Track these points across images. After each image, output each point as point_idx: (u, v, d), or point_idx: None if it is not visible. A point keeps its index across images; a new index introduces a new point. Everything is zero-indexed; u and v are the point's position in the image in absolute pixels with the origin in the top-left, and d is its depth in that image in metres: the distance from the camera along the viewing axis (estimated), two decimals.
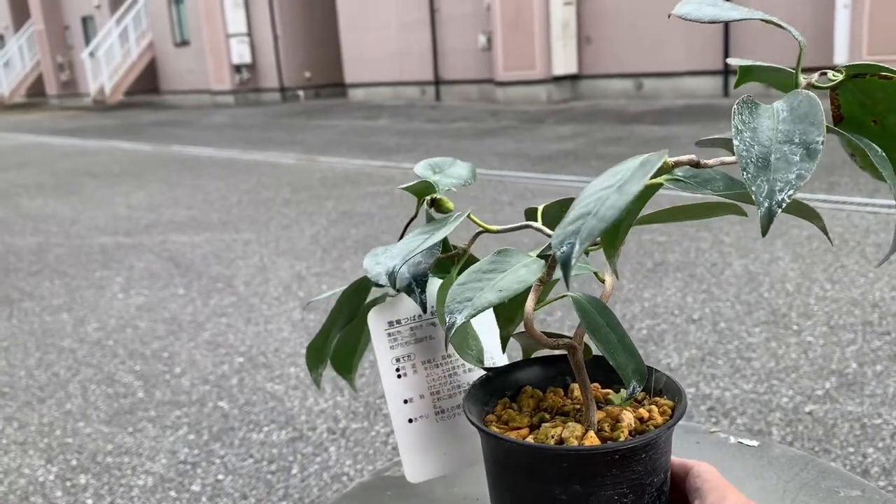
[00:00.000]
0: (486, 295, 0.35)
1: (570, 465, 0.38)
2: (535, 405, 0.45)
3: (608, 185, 0.31)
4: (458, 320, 0.34)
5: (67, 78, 19.73)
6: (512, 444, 0.39)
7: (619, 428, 0.40)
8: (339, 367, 0.54)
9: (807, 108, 0.33)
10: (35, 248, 4.19)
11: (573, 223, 0.30)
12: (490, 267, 0.37)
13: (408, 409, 0.47)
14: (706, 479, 0.41)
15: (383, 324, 0.48)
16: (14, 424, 2.13)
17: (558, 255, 0.29)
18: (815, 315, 2.44)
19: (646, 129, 7.02)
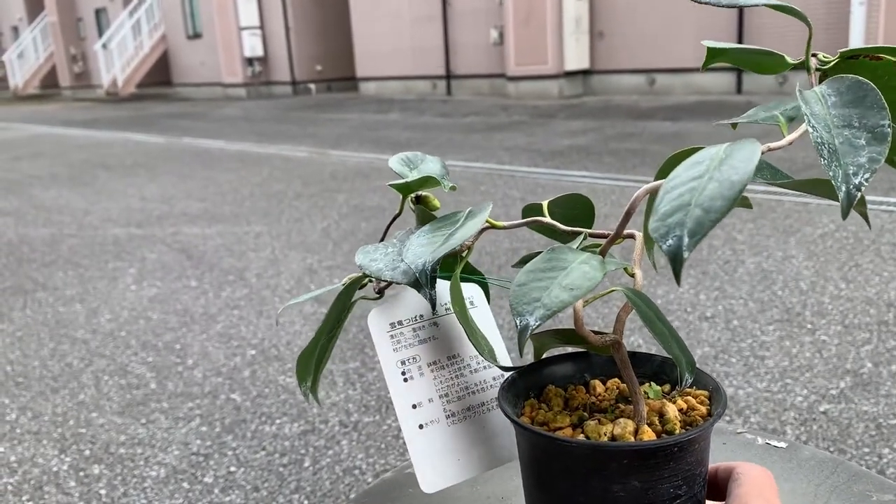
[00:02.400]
0: (558, 294, 0.34)
1: (630, 460, 0.37)
2: (564, 404, 0.45)
3: (697, 176, 0.30)
4: (531, 321, 0.33)
5: (80, 69, 19.80)
6: (571, 445, 0.39)
7: (670, 421, 0.40)
8: (300, 378, 0.50)
9: (858, 91, 0.33)
10: (48, 238, 4.21)
11: (672, 215, 0.29)
12: (548, 265, 0.36)
13: (417, 415, 0.45)
14: (741, 483, 0.40)
15: (385, 325, 0.46)
16: (28, 414, 2.14)
17: (665, 247, 0.28)
18: (829, 314, 2.42)
19: (658, 125, 6.98)
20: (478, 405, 0.47)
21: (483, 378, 0.48)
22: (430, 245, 0.41)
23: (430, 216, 0.47)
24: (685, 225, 0.28)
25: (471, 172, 5.31)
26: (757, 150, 0.30)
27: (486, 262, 3.19)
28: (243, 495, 1.69)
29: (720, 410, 0.40)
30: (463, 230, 0.41)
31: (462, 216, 0.44)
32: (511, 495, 0.53)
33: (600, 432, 0.39)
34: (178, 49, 17.18)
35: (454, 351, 0.47)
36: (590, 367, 0.47)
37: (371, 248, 0.44)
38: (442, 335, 0.47)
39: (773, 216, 3.56)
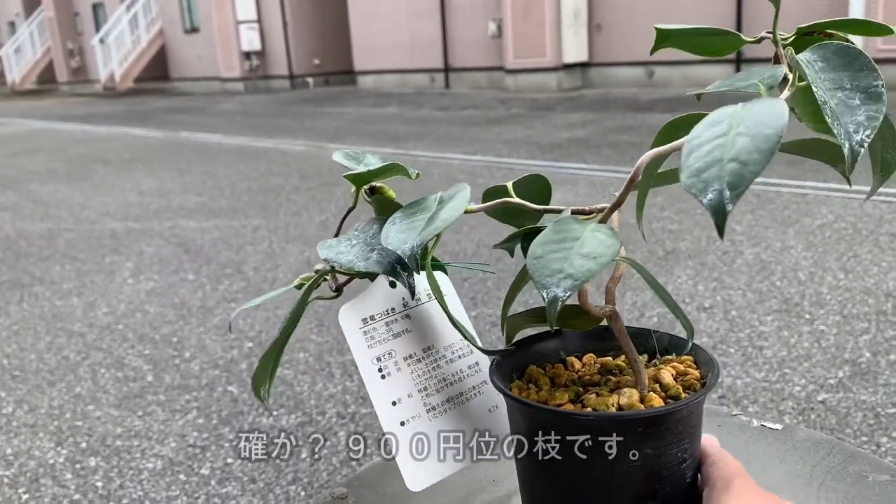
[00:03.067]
0: (582, 263, 0.33)
1: (644, 427, 0.38)
2: (551, 382, 0.44)
3: (721, 133, 0.30)
4: (558, 293, 0.32)
5: (78, 64, 19.75)
6: (588, 418, 0.38)
7: (671, 386, 0.41)
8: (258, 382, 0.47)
9: (846, 56, 0.35)
10: (46, 233, 4.20)
11: (707, 170, 0.29)
12: (558, 237, 0.35)
13: (397, 412, 0.44)
14: (719, 465, 0.40)
15: (357, 322, 0.44)
16: (24, 407, 2.13)
17: (706, 201, 0.29)
18: (827, 304, 2.41)
19: (657, 117, 6.97)
20: (457, 396, 0.46)
21: (459, 368, 0.47)
22: (412, 230, 0.40)
23: (392, 206, 0.46)
24: (723, 179, 0.29)
25: (469, 165, 5.30)
26: (781, 104, 0.30)
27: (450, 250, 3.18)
28: (240, 487, 1.68)
29: (716, 371, 0.41)
30: (447, 211, 0.40)
31: (433, 201, 0.42)
32: (503, 478, 0.53)
33: (607, 403, 0.39)
34: (175, 43, 17.14)
35: (429, 342, 0.46)
36: (563, 344, 0.47)
37: (333, 242, 0.43)
38: (415, 327, 0.46)
39: (771, 207, 3.55)
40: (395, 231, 0.40)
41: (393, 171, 0.45)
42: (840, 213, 3.36)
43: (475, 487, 0.50)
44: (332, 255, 0.42)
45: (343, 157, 0.49)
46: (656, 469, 0.38)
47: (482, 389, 0.47)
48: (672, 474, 0.39)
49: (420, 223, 0.40)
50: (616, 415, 0.38)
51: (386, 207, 0.46)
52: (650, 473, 0.38)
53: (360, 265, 0.40)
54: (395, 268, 0.40)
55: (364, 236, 0.43)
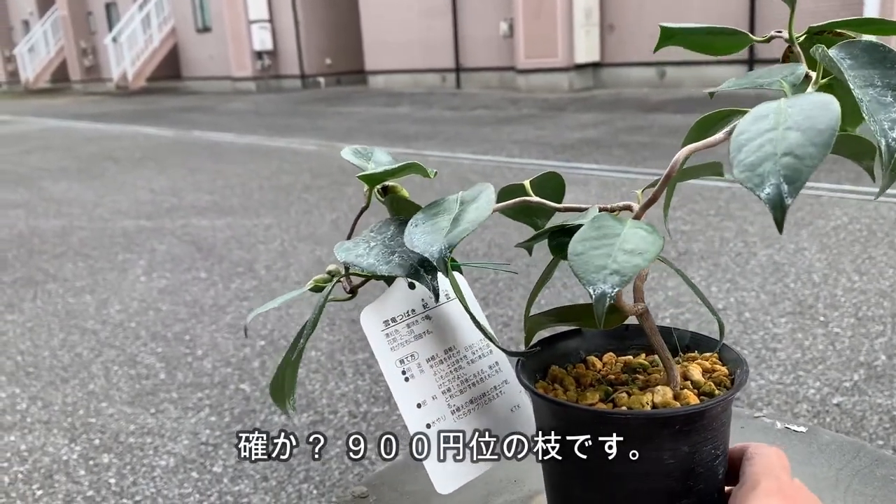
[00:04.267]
0: (628, 259, 0.33)
1: (681, 425, 0.37)
2: (576, 382, 0.44)
3: (769, 128, 0.30)
4: (606, 289, 0.32)
5: (91, 63, 19.86)
6: (627, 417, 0.38)
7: (703, 383, 0.41)
8: (285, 393, 0.47)
9: (875, 53, 0.34)
10: (59, 230, 4.22)
11: (761, 165, 0.29)
12: (598, 233, 0.35)
13: (423, 414, 0.44)
14: (753, 462, 0.39)
15: (378, 324, 0.44)
16: (38, 404, 2.14)
17: (763, 195, 0.29)
18: (842, 306, 2.40)
19: (668, 117, 6.95)
20: (480, 396, 0.46)
21: (480, 368, 0.46)
22: (437, 232, 0.39)
23: (407, 205, 0.45)
24: (779, 173, 0.29)
25: (480, 165, 5.30)
26: (830, 98, 0.31)
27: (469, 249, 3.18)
28: (252, 485, 1.69)
29: (745, 367, 0.41)
30: (473, 212, 0.39)
31: (453, 202, 0.41)
32: (524, 477, 0.52)
33: (642, 402, 0.39)
34: (187, 43, 17.20)
35: (449, 343, 0.46)
36: (583, 344, 0.47)
37: (350, 245, 0.43)
38: (436, 328, 0.46)
39: None
40: (419, 233, 0.39)
41: (409, 170, 0.45)
42: (855, 214, 3.33)
43: (496, 487, 0.50)
44: (351, 258, 0.41)
45: (352, 153, 0.48)
46: (691, 466, 0.38)
47: (503, 389, 0.47)
48: (706, 471, 0.39)
49: (444, 224, 0.39)
50: (655, 413, 0.38)
51: (400, 207, 0.46)
52: (685, 471, 0.38)
53: (382, 268, 0.40)
54: (419, 270, 0.40)
55: (382, 238, 0.43)
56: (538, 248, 0.47)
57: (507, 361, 0.48)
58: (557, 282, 2.81)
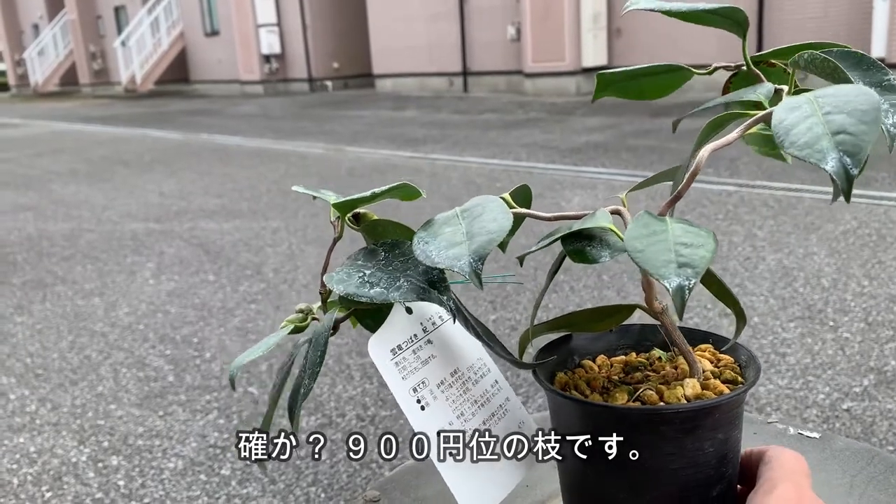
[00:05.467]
0: (694, 252, 0.34)
1: (721, 414, 0.39)
2: (589, 384, 0.44)
3: (808, 115, 0.33)
4: (682, 282, 0.32)
5: (100, 67, 19.96)
6: (674, 411, 0.39)
7: (718, 372, 0.42)
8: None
9: (849, 59, 0.38)
10: (68, 233, 4.24)
11: (817, 143, 0.31)
12: (647, 230, 0.35)
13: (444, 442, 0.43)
14: (771, 466, 0.39)
15: (387, 353, 0.42)
16: (47, 405, 2.15)
17: (829, 168, 0.31)
18: (852, 311, 2.39)
19: None
20: (489, 417, 0.45)
21: (485, 388, 0.46)
22: (456, 245, 0.37)
23: (393, 228, 0.44)
24: (837, 148, 0.31)
25: (487, 169, 5.30)
26: (865, 87, 0.34)
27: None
28: (260, 488, 1.69)
29: (750, 354, 0.43)
30: (494, 223, 0.38)
31: (452, 216, 0.41)
32: (536, 483, 0.52)
33: (677, 396, 0.40)
34: (195, 46, 17.27)
35: (454, 365, 0.45)
36: (576, 349, 0.48)
37: (342, 276, 0.41)
38: (439, 352, 0.45)
39: (793, 213, 3.52)
40: (435, 249, 0.38)
41: (397, 193, 0.44)
42: (864, 219, 3.32)
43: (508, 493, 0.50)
44: (353, 289, 0.39)
45: (302, 188, 0.49)
46: (724, 453, 0.40)
47: (507, 407, 0.47)
48: (734, 456, 0.41)
49: (459, 238, 0.38)
50: (703, 404, 0.39)
51: (385, 232, 0.45)
52: (720, 458, 0.39)
53: (393, 296, 0.39)
54: (431, 292, 0.39)
55: (374, 265, 0.41)
56: (530, 259, 0.47)
57: (503, 378, 0.48)
58: (565, 285, 2.81)
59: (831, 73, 0.38)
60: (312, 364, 0.41)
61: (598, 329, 0.47)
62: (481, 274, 0.36)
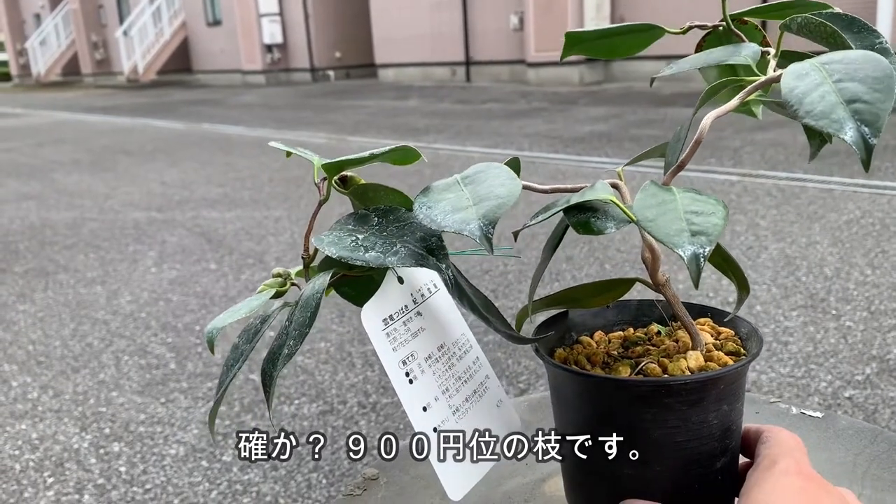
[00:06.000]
0: (706, 220, 0.33)
1: (727, 385, 0.39)
2: (588, 359, 0.44)
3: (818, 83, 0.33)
4: (697, 250, 0.32)
5: (101, 56, 19.93)
6: (683, 382, 0.38)
7: (724, 345, 0.42)
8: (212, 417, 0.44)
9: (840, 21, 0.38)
10: (70, 222, 4.24)
11: (832, 112, 0.31)
12: (656, 200, 0.35)
13: (429, 418, 0.42)
14: (770, 444, 0.39)
15: (379, 323, 0.41)
16: (49, 393, 2.15)
17: (848, 138, 0.31)
18: (854, 300, 2.38)
19: (679, 111, 6.91)
20: (472, 394, 0.45)
21: (468, 364, 0.45)
22: (463, 210, 0.36)
23: (385, 193, 0.43)
24: (854, 117, 0.31)
25: (490, 159, 5.27)
26: (872, 53, 0.33)
27: None
28: (262, 474, 1.69)
29: (759, 337, 0.42)
30: (502, 188, 0.37)
31: (453, 182, 0.40)
32: (535, 461, 0.52)
33: (681, 368, 0.40)
34: (197, 36, 17.23)
35: (441, 340, 0.44)
36: (573, 326, 0.47)
37: (333, 239, 0.40)
38: (428, 325, 0.44)
39: (796, 202, 3.51)
40: (440, 213, 0.37)
41: (398, 155, 0.42)
42: (867, 208, 3.31)
43: (507, 471, 0.49)
44: (346, 252, 0.38)
45: (279, 143, 0.47)
46: (728, 425, 0.40)
47: (487, 385, 0.46)
48: (737, 429, 0.41)
49: (465, 203, 0.37)
50: (711, 374, 0.39)
51: (376, 197, 0.44)
52: (724, 429, 0.39)
53: (390, 260, 0.37)
54: (429, 258, 0.37)
55: (367, 230, 0.40)
56: (523, 235, 0.47)
57: (484, 355, 0.47)
58: (567, 274, 2.80)
59: (827, 37, 0.38)
60: (300, 325, 0.39)
61: (597, 304, 0.47)
62: (492, 238, 0.35)
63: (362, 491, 0.50)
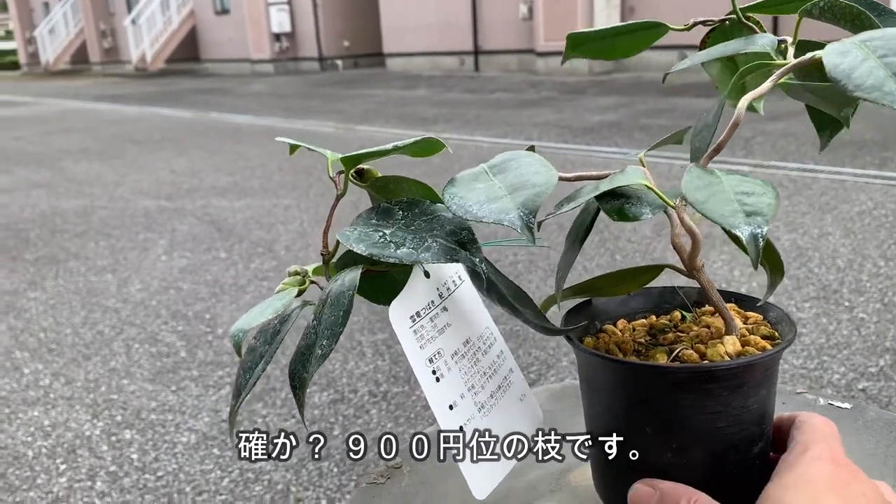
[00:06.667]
0: (756, 200, 0.33)
1: (766, 369, 0.39)
2: (618, 346, 0.43)
3: (863, 59, 0.32)
4: (755, 230, 0.32)
5: (110, 45, 19.93)
6: (732, 367, 0.38)
7: (757, 329, 0.42)
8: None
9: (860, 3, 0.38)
10: (80, 210, 4.25)
11: (884, 84, 0.31)
12: (703, 181, 0.35)
13: (455, 416, 0.41)
14: (803, 430, 0.38)
15: (406, 320, 0.40)
16: (61, 380, 2.16)
17: (890, 99, 0.31)
18: (867, 291, 2.36)
19: (690, 101, 6.87)
20: (496, 389, 0.44)
21: (492, 358, 0.45)
22: (498, 199, 0.35)
23: (408, 185, 0.42)
24: None
25: (499, 148, 5.25)
26: None
27: None
28: (273, 462, 1.69)
29: (791, 321, 0.42)
30: (537, 176, 0.36)
31: (480, 172, 0.39)
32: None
33: (720, 353, 0.39)
34: (206, 25, 17.21)
35: (466, 335, 0.43)
36: (596, 314, 0.47)
37: (360, 234, 0.38)
38: (454, 320, 0.43)
39: (808, 193, 3.49)
40: (474, 203, 0.36)
41: (421, 146, 0.41)
42: (880, 199, 3.28)
43: (530, 461, 0.49)
44: (376, 249, 0.37)
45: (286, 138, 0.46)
46: (765, 409, 0.39)
47: (511, 379, 0.45)
48: (772, 412, 0.41)
49: (496, 192, 0.36)
50: (753, 358, 0.38)
51: (398, 189, 0.43)
52: (762, 414, 0.39)
53: (423, 256, 0.36)
54: (462, 253, 0.36)
55: (393, 224, 0.39)
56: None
57: (507, 348, 0.47)
58: (577, 265, 2.79)
59: (853, 19, 0.38)
60: (332, 324, 0.38)
61: (624, 291, 0.46)
62: (534, 228, 0.34)
63: (385, 479, 0.50)
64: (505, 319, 0.47)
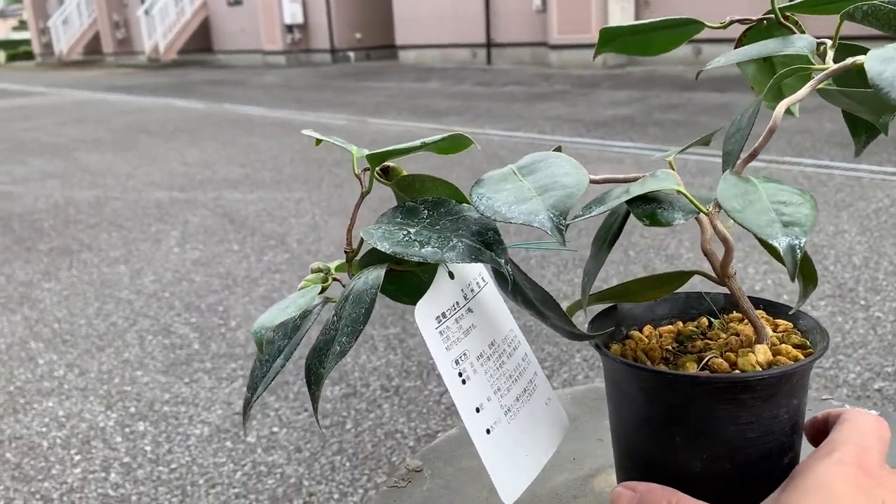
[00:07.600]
0: (797, 210, 0.32)
1: (799, 379, 0.38)
2: (646, 353, 0.43)
3: None
4: (792, 242, 0.31)
5: (123, 36, 19.98)
6: (765, 378, 0.37)
7: (788, 338, 0.42)
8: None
9: None
10: (93, 201, 4.26)
11: None
12: (740, 190, 0.34)
13: (482, 419, 0.40)
14: (842, 428, 0.37)
15: (432, 321, 0.40)
16: (75, 371, 2.17)
17: None
18: (884, 290, 2.34)
19: (704, 96, 6.83)
20: (522, 392, 0.43)
21: (517, 361, 0.44)
22: (528, 200, 0.35)
23: (433, 184, 0.41)
24: None
25: (511, 142, 5.25)
26: None
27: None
28: (286, 455, 1.69)
29: (822, 329, 0.42)
30: (567, 177, 0.36)
31: (508, 172, 0.38)
32: (583, 457, 0.51)
33: (752, 363, 0.38)
34: (218, 16, 17.22)
35: (492, 337, 0.43)
36: (622, 320, 0.46)
37: (385, 233, 0.38)
38: (479, 321, 0.42)
39: (824, 190, 3.46)
40: (503, 203, 0.35)
41: (450, 143, 0.41)
42: None
43: (555, 466, 0.48)
44: (401, 248, 0.36)
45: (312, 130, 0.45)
46: (796, 419, 0.39)
47: (536, 382, 0.45)
48: (802, 421, 0.40)
49: (525, 193, 0.35)
50: (786, 369, 0.38)
51: (423, 188, 0.43)
52: (793, 424, 0.39)
53: (448, 256, 0.36)
54: (487, 254, 0.36)
55: (418, 223, 0.39)
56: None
57: (531, 351, 0.46)
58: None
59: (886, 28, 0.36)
60: (354, 321, 0.37)
61: (652, 297, 0.45)
62: (564, 231, 0.33)
63: (407, 483, 0.50)
64: (516, 315, 0.46)
